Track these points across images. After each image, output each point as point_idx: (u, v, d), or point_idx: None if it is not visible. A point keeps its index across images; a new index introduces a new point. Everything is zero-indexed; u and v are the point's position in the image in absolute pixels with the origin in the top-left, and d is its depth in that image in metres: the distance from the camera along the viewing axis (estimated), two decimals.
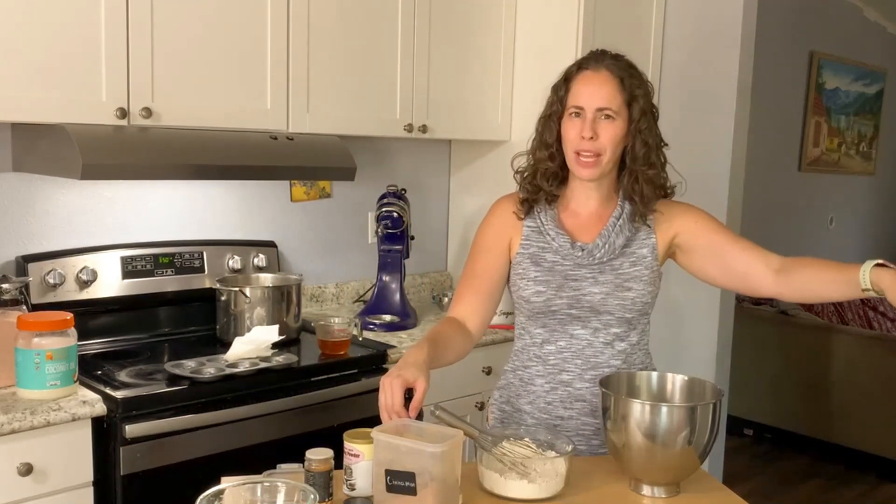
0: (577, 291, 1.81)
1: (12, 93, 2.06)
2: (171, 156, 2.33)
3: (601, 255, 1.81)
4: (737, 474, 4.22)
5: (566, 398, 1.85)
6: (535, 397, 1.87)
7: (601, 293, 1.80)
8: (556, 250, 1.83)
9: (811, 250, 5.86)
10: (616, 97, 1.77)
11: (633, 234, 1.84)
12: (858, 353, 4.61)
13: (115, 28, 2.18)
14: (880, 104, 6.28)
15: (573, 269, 1.82)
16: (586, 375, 1.83)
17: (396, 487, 1.42)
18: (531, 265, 1.85)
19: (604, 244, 1.82)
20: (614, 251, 1.82)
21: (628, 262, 1.83)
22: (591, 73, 1.79)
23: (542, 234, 1.86)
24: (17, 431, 1.88)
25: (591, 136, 1.75)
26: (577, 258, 1.82)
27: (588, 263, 1.82)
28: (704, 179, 3.36)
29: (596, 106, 1.76)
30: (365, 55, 2.76)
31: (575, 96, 1.79)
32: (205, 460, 2.13)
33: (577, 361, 1.84)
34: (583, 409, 1.84)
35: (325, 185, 3.14)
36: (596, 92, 1.77)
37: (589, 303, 1.81)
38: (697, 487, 1.63)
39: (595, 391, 1.81)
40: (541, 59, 3.15)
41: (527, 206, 1.88)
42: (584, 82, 1.79)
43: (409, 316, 2.91)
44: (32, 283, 2.35)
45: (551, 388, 1.86)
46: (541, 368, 1.87)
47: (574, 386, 1.84)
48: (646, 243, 1.85)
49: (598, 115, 1.76)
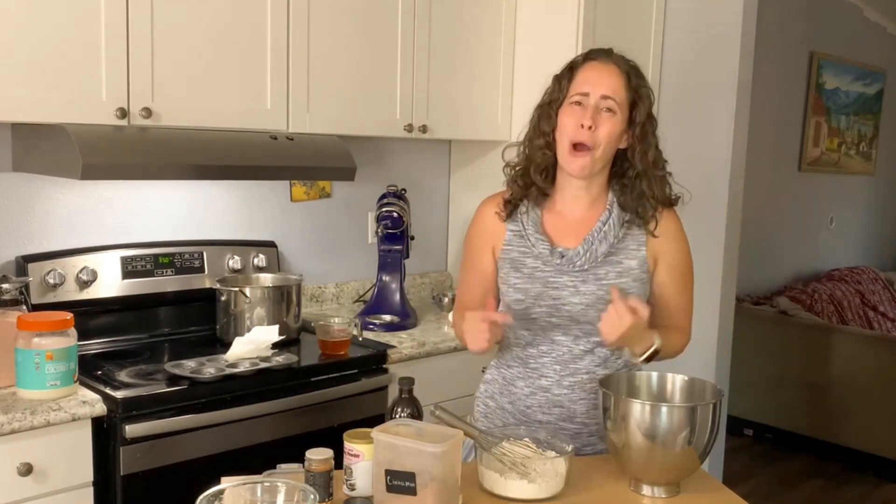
0: (557, 301, 1.78)
1: (12, 93, 2.06)
2: (171, 156, 2.33)
3: (582, 263, 1.78)
4: (737, 474, 4.22)
5: (544, 403, 1.84)
6: (515, 398, 1.87)
7: (582, 304, 1.77)
8: (537, 256, 1.80)
9: (811, 250, 5.86)
10: (621, 90, 1.75)
11: (621, 240, 1.80)
12: (858, 353, 4.61)
13: (115, 28, 2.18)
14: (880, 104, 6.28)
15: (554, 275, 1.79)
16: (564, 382, 1.82)
17: (396, 487, 1.42)
18: (511, 270, 1.82)
19: (585, 251, 1.78)
20: (596, 259, 1.78)
21: (614, 272, 1.79)
22: (599, 63, 1.78)
23: (524, 237, 1.82)
24: (17, 431, 1.88)
25: (591, 126, 1.72)
26: (557, 265, 1.78)
27: (569, 271, 1.78)
28: (704, 179, 3.36)
29: (601, 93, 1.74)
30: (365, 55, 2.76)
31: (580, 83, 1.76)
32: (205, 460, 2.13)
33: (556, 367, 1.82)
34: (560, 415, 1.83)
35: (325, 185, 3.14)
36: (603, 80, 1.75)
37: (569, 312, 1.78)
38: (697, 487, 1.63)
39: (573, 398, 1.82)
40: (541, 59, 3.15)
41: (510, 206, 1.84)
42: (592, 69, 1.77)
43: (409, 316, 2.91)
44: (32, 283, 2.35)
45: (531, 392, 1.85)
46: (522, 371, 1.86)
47: (552, 392, 1.83)
48: (635, 255, 1.81)
49: (600, 104, 1.73)
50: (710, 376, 3.40)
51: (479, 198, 1.95)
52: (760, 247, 5.22)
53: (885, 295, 5.72)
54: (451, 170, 3.53)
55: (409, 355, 2.61)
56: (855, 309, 5.36)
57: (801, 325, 4.82)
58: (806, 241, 5.81)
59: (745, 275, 4.69)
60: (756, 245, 5.09)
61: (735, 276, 3.60)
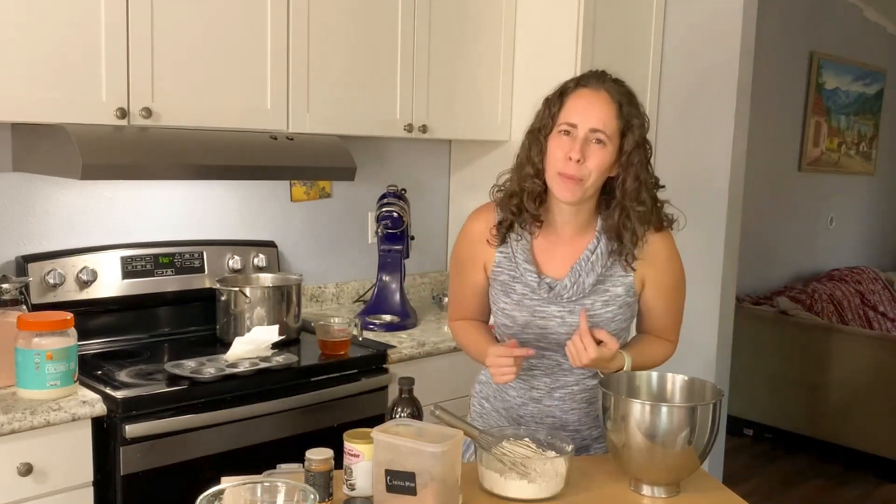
0: (545, 330, 1.79)
1: (12, 93, 2.06)
2: (171, 156, 2.33)
3: (570, 296, 1.77)
4: (737, 474, 4.22)
5: (536, 413, 1.85)
6: (509, 406, 1.88)
7: (568, 334, 1.75)
8: (526, 283, 1.80)
9: (811, 250, 5.86)
10: (612, 122, 1.69)
11: (608, 269, 1.78)
12: (858, 353, 4.61)
13: (115, 28, 2.18)
14: (880, 104, 6.28)
15: (541, 305, 1.79)
16: (555, 394, 1.83)
17: (396, 487, 1.42)
18: (501, 294, 1.83)
19: (573, 284, 1.77)
20: (584, 291, 1.77)
21: (600, 301, 1.78)
22: (589, 91, 1.71)
23: (513, 262, 1.81)
24: (17, 431, 1.88)
25: (579, 159, 1.67)
26: (544, 298, 1.78)
27: (557, 302, 1.78)
28: (704, 179, 3.36)
29: (590, 126, 1.68)
30: (365, 55, 2.76)
31: (569, 112, 1.71)
32: (205, 460, 2.13)
33: (545, 380, 1.83)
34: (553, 424, 1.83)
35: (325, 185, 3.14)
36: (592, 111, 1.69)
37: (556, 339, 1.79)
38: (697, 487, 1.63)
39: (564, 408, 1.83)
40: (541, 59, 3.15)
41: (503, 230, 1.81)
42: (581, 99, 1.71)
43: (409, 316, 2.91)
44: (32, 283, 2.35)
45: (522, 402, 1.86)
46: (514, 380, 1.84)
47: (544, 403, 1.84)
48: (622, 281, 1.79)
49: (589, 136, 1.68)
50: (710, 376, 3.40)
51: (479, 198, 1.95)
52: (760, 247, 5.21)
53: (885, 295, 5.72)
54: (451, 170, 3.53)
55: (409, 355, 2.61)
56: (855, 309, 5.35)
57: (801, 325, 4.82)
58: (806, 241, 5.81)
59: (745, 275, 4.69)
60: (756, 245, 5.09)
61: (735, 275, 3.60)
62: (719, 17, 3.38)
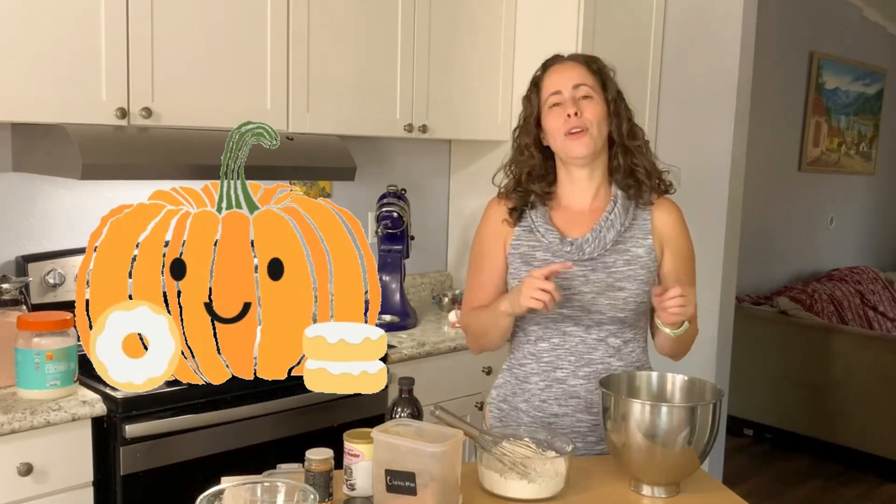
0: (568, 291, 1.80)
1: (12, 93, 2.06)
2: (171, 156, 2.33)
3: (591, 251, 1.81)
4: (737, 474, 4.22)
5: (560, 395, 1.84)
6: (530, 395, 1.87)
7: (591, 293, 1.80)
8: (547, 247, 1.83)
9: (811, 250, 5.86)
10: (589, 77, 1.83)
11: (629, 228, 1.83)
12: (858, 353, 4.61)
13: (115, 28, 2.18)
14: (880, 104, 6.28)
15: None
16: (580, 372, 1.83)
17: (396, 487, 1.42)
18: (521, 265, 1.85)
19: (594, 238, 1.81)
20: (605, 246, 1.81)
21: (622, 259, 1.82)
22: (558, 64, 1.88)
23: (533, 231, 1.85)
24: (17, 431, 1.89)
25: (576, 112, 1.78)
26: (567, 254, 1.81)
27: (579, 259, 1.81)
28: (705, 179, 3.36)
29: (573, 83, 1.82)
30: (365, 55, 2.76)
31: (549, 87, 1.84)
32: (205, 460, 2.13)
33: (570, 358, 1.84)
34: (577, 406, 1.84)
35: (325, 185, 3.14)
36: (569, 73, 1.83)
37: (579, 302, 1.80)
38: (697, 487, 1.63)
39: (590, 388, 1.82)
40: (541, 59, 3.12)
41: (516, 214, 1.88)
42: (555, 71, 1.86)
43: (409, 316, 2.91)
44: (32, 283, 2.35)
45: (546, 385, 1.86)
46: (535, 366, 1.87)
47: (568, 383, 1.84)
48: (643, 243, 1.84)
49: (576, 93, 1.80)
50: (710, 376, 3.40)
51: (478, 198, 1.96)
52: (760, 247, 5.22)
53: (885, 295, 5.72)
54: (451, 170, 3.53)
55: (409, 355, 2.61)
56: (855, 309, 5.35)
57: (801, 325, 4.82)
58: (806, 241, 5.81)
59: (745, 275, 4.69)
60: (756, 245, 5.09)
61: (735, 276, 3.60)
62: (719, 17, 3.38)
